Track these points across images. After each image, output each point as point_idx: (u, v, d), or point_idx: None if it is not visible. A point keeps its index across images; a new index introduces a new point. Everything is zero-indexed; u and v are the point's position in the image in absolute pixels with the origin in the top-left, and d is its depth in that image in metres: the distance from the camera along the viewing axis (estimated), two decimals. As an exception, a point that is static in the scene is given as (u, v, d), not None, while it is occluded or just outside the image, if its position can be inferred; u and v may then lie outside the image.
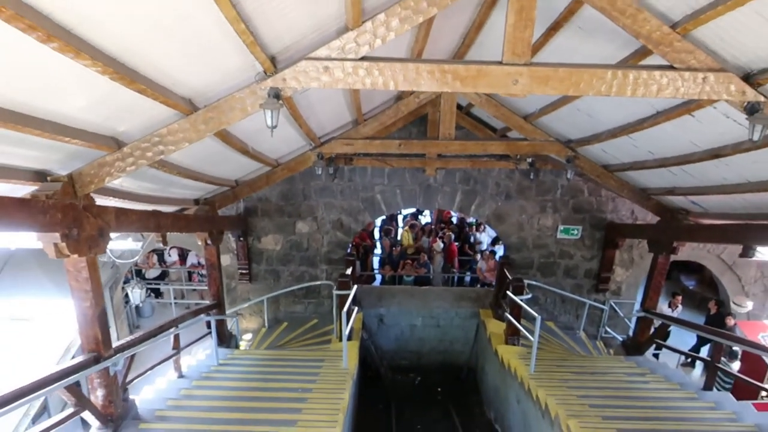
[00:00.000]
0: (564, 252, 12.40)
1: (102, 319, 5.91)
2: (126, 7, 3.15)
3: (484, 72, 4.64)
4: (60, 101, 3.92)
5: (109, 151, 5.07)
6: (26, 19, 2.64)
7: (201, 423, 6.62)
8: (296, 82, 4.76)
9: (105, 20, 3.17)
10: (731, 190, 7.45)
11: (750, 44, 4.49)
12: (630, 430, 6.65)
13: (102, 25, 3.19)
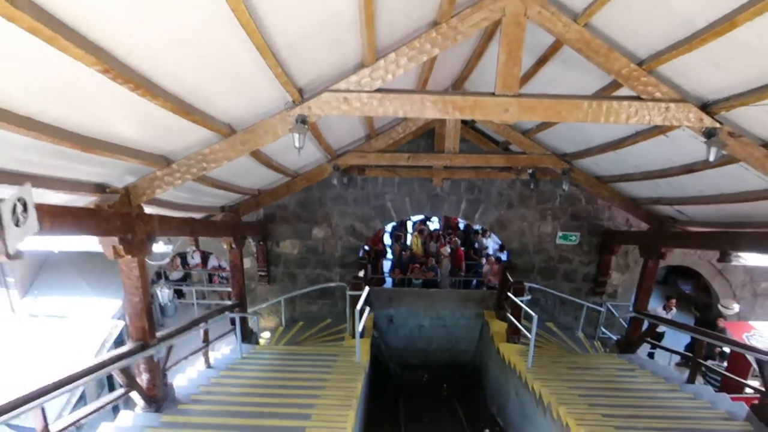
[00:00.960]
0: (563, 257, 13.16)
1: (148, 312, 6.79)
2: (195, 61, 4.05)
3: (479, 102, 5.50)
4: (127, 128, 4.82)
5: (160, 167, 5.97)
6: (125, 75, 3.54)
7: (230, 405, 7.47)
8: (320, 110, 5.64)
9: (176, 70, 4.07)
10: (709, 200, 8.27)
11: (705, 79, 5.32)
12: (614, 415, 7.40)
13: (173, 74, 4.09)
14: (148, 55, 3.68)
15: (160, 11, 3.21)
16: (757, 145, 5.79)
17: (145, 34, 3.40)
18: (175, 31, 3.55)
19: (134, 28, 3.26)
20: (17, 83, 3.27)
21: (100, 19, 2.97)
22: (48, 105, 3.69)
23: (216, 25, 3.67)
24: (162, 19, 3.31)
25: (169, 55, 3.84)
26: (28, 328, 11.37)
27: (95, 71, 3.35)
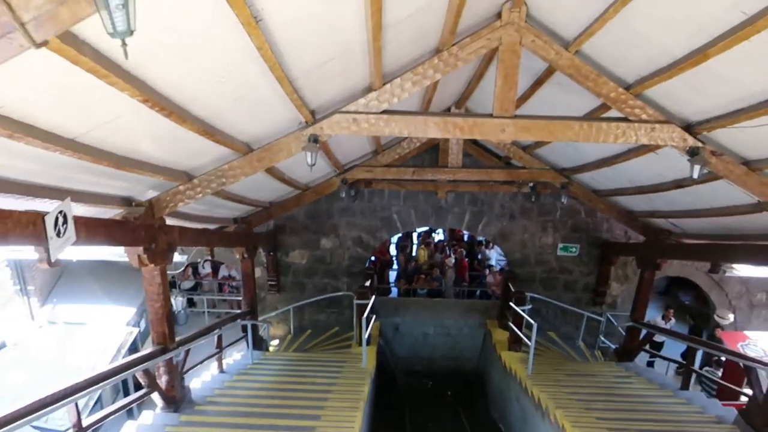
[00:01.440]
0: (564, 268, 13.55)
1: (168, 318, 7.25)
2: (220, 90, 4.53)
3: (478, 123, 5.95)
4: (156, 148, 5.30)
5: (182, 182, 6.45)
6: (161, 104, 4.02)
7: (244, 407, 7.90)
8: (330, 130, 6.10)
9: (203, 97, 4.55)
10: (700, 214, 8.68)
11: (688, 102, 5.77)
12: (608, 418, 7.77)
13: (200, 101, 4.57)
14: (181, 87, 4.16)
15: (194, 50, 3.69)
16: (737, 163, 6.21)
17: (180, 70, 3.87)
18: (206, 66, 4.03)
19: (172, 64, 3.74)
20: (71, 113, 3.75)
21: (144, 59, 3.44)
22: (92, 129, 4.16)
23: (242, 61, 4.14)
24: (195, 56, 3.78)
25: (199, 86, 4.32)
26: (48, 334, 11.83)
27: (137, 101, 3.82)
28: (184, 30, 3.31)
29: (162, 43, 3.38)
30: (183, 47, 3.54)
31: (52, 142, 3.89)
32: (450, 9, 4.94)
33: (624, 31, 5.07)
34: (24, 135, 3.54)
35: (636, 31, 5.00)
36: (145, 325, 13.65)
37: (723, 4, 3.96)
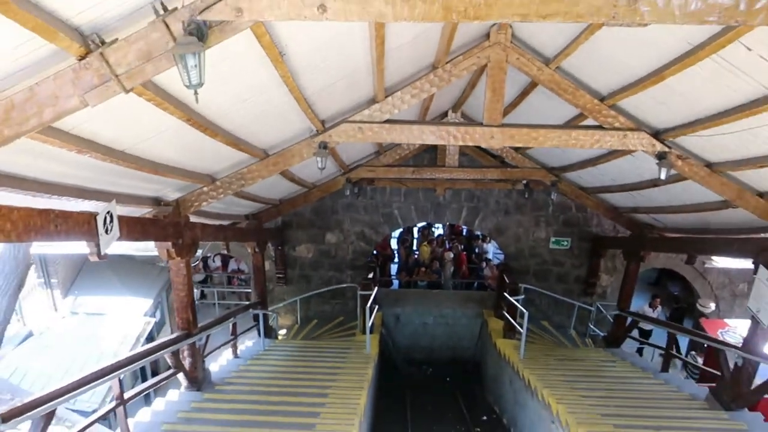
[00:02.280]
0: (556, 260, 14.31)
1: (192, 305, 8.02)
2: (246, 108, 5.30)
3: (470, 131, 6.70)
4: (190, 156, 6.08)
5: (206, 184, 7.22)
6: (199, 122, 4.80)
7: (259, 387, 8.69)
8: (339, 138, 6.86)
9: (231, 114, 5.33)
10: (676, 210, 9.45)
11: (655, 113, 6.54)
12: (591, 396, 8.53)
13: (228, 117, 5.35)
14: (215, 106, 4.93)
15: (229, 79, 4.46)
16: (701, 166, 6.96)
17: (215, 93, 4.63)
18: (236, 90, 4.80)
19: (211, 90, 4.50)
20: (125, 130, 4.52)
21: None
22: (139, 142, 4.93)
23: (267, 85, 4.92)
24: (229, 84, 4.56)
25: (229, 105, 5.09)
26: (71, 324, 12.64)
27: (181, 121, 4.59)
28: (224, 65, 4.07)
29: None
30: (221, 77, 4.30)
31: (108, 154, 4.66)
32: (443, 34, 5.71)
33: (595, 53, 5.84)
34: (89, 150, 4.32)
35: (605, 54, 5.77)
36: (160, 316, 14.48)
37: (674, 35, 4.71)
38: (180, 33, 2.89)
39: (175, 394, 8.03)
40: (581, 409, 7.90)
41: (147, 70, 3.04)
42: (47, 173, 4.69)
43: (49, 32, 2.71)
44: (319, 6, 2.79)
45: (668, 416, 7.73)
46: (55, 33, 2.74)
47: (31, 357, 11.24)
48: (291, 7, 2.81)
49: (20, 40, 2.72)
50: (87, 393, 6.35)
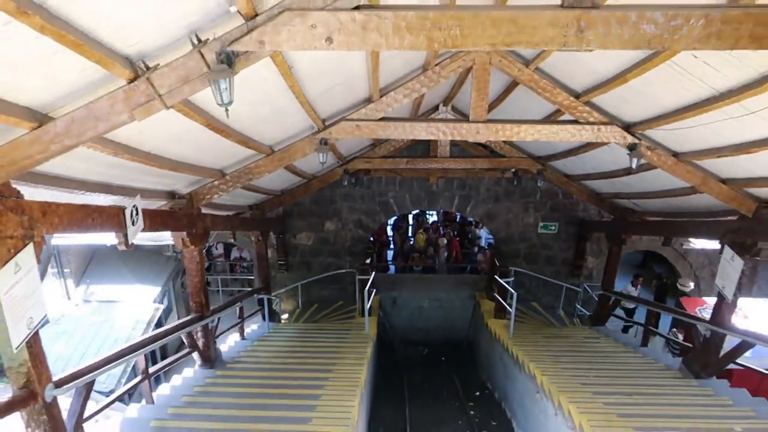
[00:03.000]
0: (544, 244, 15.04)
1: (204, 290, 8.70)
2: (256, 111, 5.96)
3: (457, 127, 7.37)
4: (205, 154, 6.74)
5: (217, 178, 7.87)
6: (217, 126, 5.46)
7: (266, 364, 9.39)
8: (338, 134, 7.52)
9: (242, 117, 5.98)
10: (651, 195, 10.18)
11: (624, 109, 7.22)
12: (573, 368, 9.25)
13: (240, 120, 6.00)
14: (232, 113, 5.48)
15: (243, 87, 5.10)
16: (669, 155, 7.65)
17: (235, 103, 5.28)
18: (248, 96, 5.43)
19: (228, 98, 5.17)
20: (151, 133, 5.16)
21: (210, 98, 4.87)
22: (163, 144, 5.59)
23: (277, 92, 5.57)
24: (243, 91, 5.19)
25: (241, 109, 5.72)
26: (84, 311, 13.30)
27: (201, 125, 5.25)
28: (241, 77, 4.71)
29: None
30: (238, 88, 4.94)
31: (137, 155, 5.33)
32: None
33: (568, 57, 6.52)
34: (123, 152, 4.98)
35: (576, 58, 6.44)
36: (167, 303, 15.15)
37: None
38: (213, 61, 3.55)
39: (190, 371, 8.73)
40: (563, 380, 8.61)
41: (185, 91, 3.70)
42: (85, 173, 5.35)
43: (108, 63, 3.36)
44: (326, 38, 3.43)
45: (643, 384, 8.46)
46: (113, 63, 3.39)
47: (49, 342, 11.87)
48: (304, 40, 3.45)
49: (85, 67, 3.37)
50: (104, 375, 7.00)
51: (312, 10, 3.40)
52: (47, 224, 4.47)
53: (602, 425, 6.72)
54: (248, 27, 3.51)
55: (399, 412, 12.15)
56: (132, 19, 3.28)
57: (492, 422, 11.60)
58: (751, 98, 5.06)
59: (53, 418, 4.76)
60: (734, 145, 6.40)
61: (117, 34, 3.34)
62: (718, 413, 7.23)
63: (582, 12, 3.35)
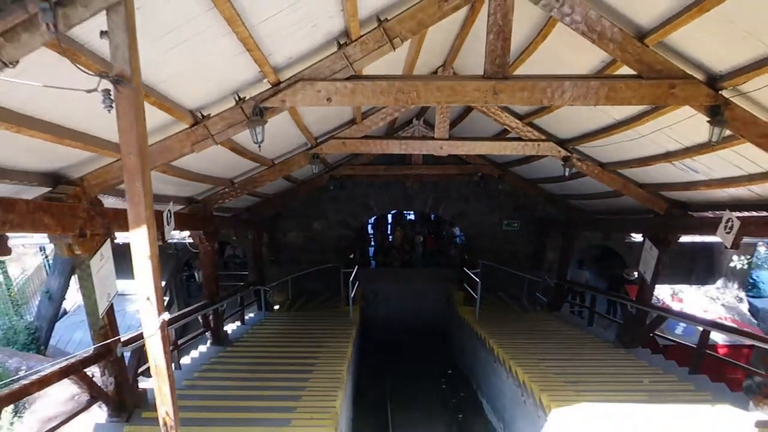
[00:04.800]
0: (509, 240, 16.84)
1: (216, 280, 10.34)
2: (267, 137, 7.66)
3: (425, 143, 9.12)
4: (224, 169, 8.41)
5: (227, 186, 9.53)
6: (237, 149, 7.17)
7: (265, 343, 11.04)
8: (328, 150, 9.24)
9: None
10: (592, 197, 12.02)
11: (558, 128, 9.02)
12: (526, 342, 11.00)
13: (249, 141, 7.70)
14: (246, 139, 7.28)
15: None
16: (596, 165, 9.46)
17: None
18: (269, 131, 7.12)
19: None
20: (196, 158, 6.83)
21: (242, 138, 6.56)
22: (198, 162, 7.26)
23: (283, 122, 7.27)
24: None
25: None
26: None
27: (227, 149, 6.94)
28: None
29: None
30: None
31: (178, 172, 6.99)
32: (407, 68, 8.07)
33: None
34: (170, 171, 6.65)
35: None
36: (169, 297, 16.75)
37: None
38: (250, 113, 5.25)
39: (204, 348, 10.37)
40: (516, 351, 10.37)
41: (229, 133, 5.40)
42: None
43: (177, 114, 5.05)
44: (327, 99, 5.13)
45: (582, 352, 10.28)
46: (181, 114, 5.09)
47: (70, 329, 13.50)
48: (312, 100, 5.16)
49: (158, 115, 5.05)
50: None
51: (318, 80, 5.12)
52: (118, 225, 6.12)
53: (538, 380, 8.49)
54: (274, 90, 5.23)
55: (380, 389, 13.85)
56: (195, 85, 4.98)
57: (461, 394, 13.38)
58: (639, 126, 6.89)
59: (121, 369, 6.45)
60: (638, 158, 8.24)
61: (185, 96, 5.04)
62: (634, 371, 9.06)
63: (496, 81, 5.11)
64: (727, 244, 7.77)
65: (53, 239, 5.52)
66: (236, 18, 3.84)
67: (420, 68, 8.08)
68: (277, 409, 7.04)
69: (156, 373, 3.71)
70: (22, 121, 3.88)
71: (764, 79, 4.81)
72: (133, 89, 2.89)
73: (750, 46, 4.54)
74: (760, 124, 5.36)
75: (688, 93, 5.19)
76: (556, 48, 6.33)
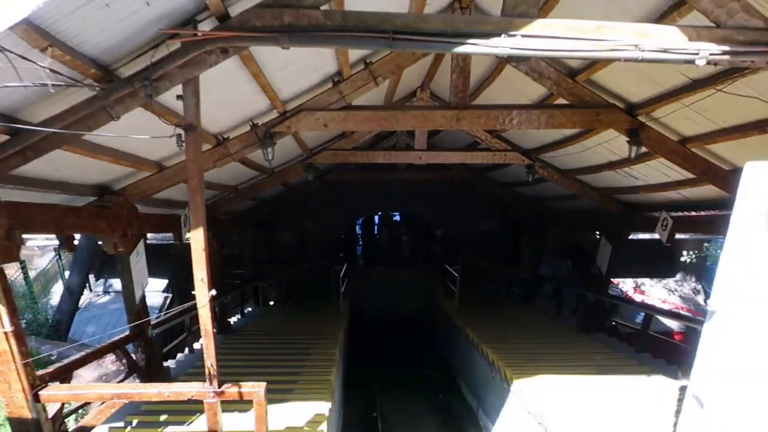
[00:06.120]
0: (487, 239, 18.24)
1: (221, 276, 11.57)
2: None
3: (408, 155, 10.44)
4: (231, 178, 9.68)
5: (232, 192, 10.78)
6: (253, 166, 8.47)
7: (266, 332, 12.29)
8: (321, 160, 10.56)
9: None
10: (556, 199, 13.40)
11: (524, 139, 10.37)
12: (498, 328, 12.32)
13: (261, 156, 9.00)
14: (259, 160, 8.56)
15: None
16: (556, 172, 10.80)
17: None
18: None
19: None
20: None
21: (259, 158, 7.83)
22: (214, 173, 8.52)
23: (284, 141, 8.56)
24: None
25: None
26: (106, 300, 16.04)
27: (238, 161, 8.22)
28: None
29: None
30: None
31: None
32: (388, 93, 9.39)
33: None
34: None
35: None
36: (171, 294, 17.93)
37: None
38: (262, 136, 6.55)
39: (211, 336, 11.60)
40: (488, 335, 11.70)
41: (245, 152, 6.72)
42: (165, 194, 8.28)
43: (205, 137, 6.34)
44: (324, 124, 6.44)
45: (548, 336, 11.63)
46: (208, 138, 6.38)
47: (83, 324, 14.67)
48: (312, 125, 6.46)
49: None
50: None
51: (317, 110, 6.44)
52: (149, 227, 7.40)
53: (505, 359, 9.80)
54: (282, 118, 6.55)
55: (369, 375, 15.14)
56: (220, 116, 6.27)
57: (441, 377, 14.73)
58: (584, 141, 8.27)
59: (152, 348, 7.73)
60: (589, 166, 9.63)
61: (212, 123, 6.33)
62: (588, 351, 10.41)
63: (459, 111, 6.46)
64: (664, 240, 9.18)
65: (102, 238, 6.77)
66: (259, 73, 5.16)
67: (401, 90, 9.41)
68: (281, 382, 8.31)
69: (204, 334, 5.01)
70: (95, 148, 5.15)
71: (668, 108, 6.19)
72: (197, 134, 4.20)
73: (650, 85, 5.92)
74: (669, 142, 6.76)
75: (611, 119, 6.59)
76: (512, 79, 7.65)
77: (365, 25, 3.74)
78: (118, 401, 5.59)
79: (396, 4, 5.63)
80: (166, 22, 3.71)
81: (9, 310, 4.49)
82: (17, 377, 4.70)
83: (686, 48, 3.75)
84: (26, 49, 3.06)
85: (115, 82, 3.89)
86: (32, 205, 5.06)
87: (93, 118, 4.04)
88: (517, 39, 3.69)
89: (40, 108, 3.98)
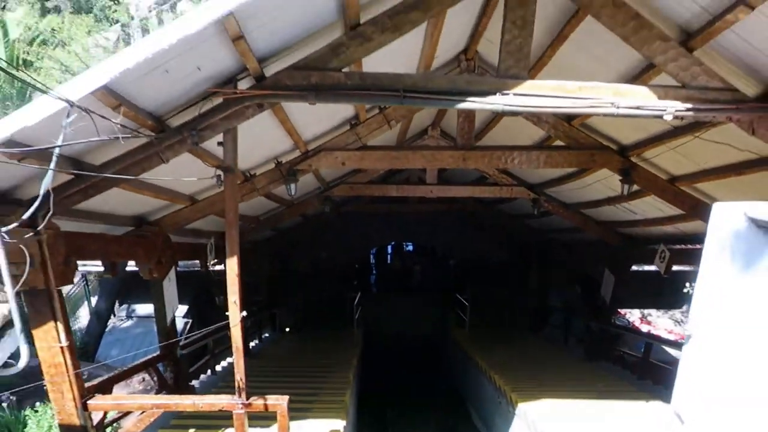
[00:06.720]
0: (499, 268, 18.71)
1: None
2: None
3: (414, 189, 11.06)
4: (255, 210, 10.35)
5: (254, 223, 11.43)
6: (272, 197, 9.15)
7: (284, 355, 12.85)
8: (338, 192, 11.15)
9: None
10: (562, 231, 13.92)
11: (527, 175, 10.95)
12: (504, 355, 12.77)
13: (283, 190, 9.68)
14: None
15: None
16: (561, 205, 11.33)
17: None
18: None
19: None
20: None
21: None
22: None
23: (305, 176, 9.24)
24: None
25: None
26: (129, 325, 16.70)
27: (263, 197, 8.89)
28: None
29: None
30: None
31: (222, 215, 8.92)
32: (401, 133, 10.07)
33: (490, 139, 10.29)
34: (218, 213, 8.59)
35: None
36: (192, 320, 18.55)
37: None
38: (285, 173, 7.21)
39: (231, 359, 12.17)
40: (496, 361, 12.19)
41: (270, 187, 7.38)
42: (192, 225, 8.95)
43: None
44: (342, 162, 7.11)
45: (554, 363, 12.09)
46: (238, 176, 7.04)
47: (108, 347, 15.31)
48: (331, 164, 7.15)
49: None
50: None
51: (336, 150, 7.12)
52: (180, 254, 8.05)
53: (511, 384, 10.26)
54: (304, 157, 7.22)
55: (381, 399, 15.56)
56: (250, 155, 6.95)
57: (452, 402, 15.12)
58: (585, 178, 8.85)
59: (179, 367, 8.30)
60: (591, 201, 10.20)
61: (241, 161, 6.99)
62: (591, 378, 10.83)
63: (465, 151, 7.10)
64: (662, 271, 9.70)
65: (139, 265, 7.42)
66: (286, 119, 5.86)
67: (413, 128, 10.06)
68: (299, 401, 8.82)
69: (235, 351, 5.60)
70: (141, 185, 5.83)
71: (656, 151, 6.78)
72: (234, 175, 4.87)
73: (638, 130, 6.54)
74: (659, 181, 7.35)
75: (605, 159, 7.20)
76: (513, 122, 8.22)
77: (380, 84, 4.41)
78: (156, 411, 6.18)
79: (408, 58, 6.32)
80: (212, 82, 4.41)
81: (65, 328, 5.12)
82: (69, 387, 5.30)
83: (656, 105, 4.37)
84: (99, 107, 3.74)
85: (167, 131, 4.58)
86: (85, 235, 5.75)
87: (147, 161, 4.72)
88: (509, 97, 4.32)
89: (99, 153, 4.67)
